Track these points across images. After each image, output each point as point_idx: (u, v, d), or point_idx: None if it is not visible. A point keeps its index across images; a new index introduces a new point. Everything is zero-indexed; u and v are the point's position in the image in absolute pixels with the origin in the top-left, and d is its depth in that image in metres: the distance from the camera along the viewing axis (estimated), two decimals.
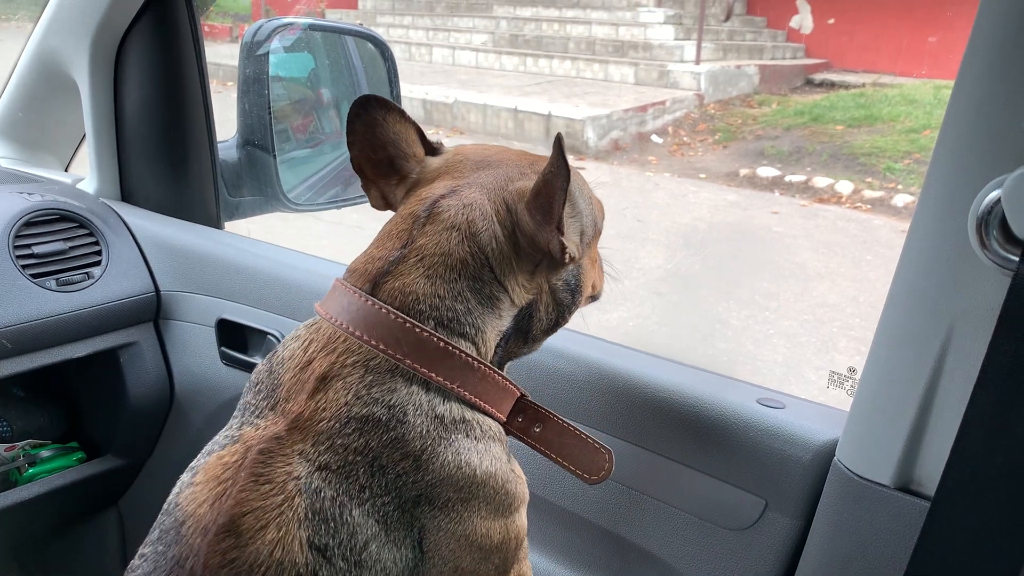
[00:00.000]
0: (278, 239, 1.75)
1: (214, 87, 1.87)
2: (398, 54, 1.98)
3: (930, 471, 0.89)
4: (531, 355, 1.04)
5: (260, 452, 0.80)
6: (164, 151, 1.82)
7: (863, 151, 7.30)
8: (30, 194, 1.66)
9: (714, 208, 6.62)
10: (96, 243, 1.67)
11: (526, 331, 0.96)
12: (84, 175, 1.90)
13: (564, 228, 0.89)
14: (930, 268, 0.85)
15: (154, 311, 1.71)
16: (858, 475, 0.94)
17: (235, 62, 1.86)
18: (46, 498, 1.63)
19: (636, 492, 1.18)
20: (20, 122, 1.98)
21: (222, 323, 1.61)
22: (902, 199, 6.42)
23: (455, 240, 0.88)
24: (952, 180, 0.81)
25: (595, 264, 1.06)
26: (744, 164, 7.52)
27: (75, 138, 2.04)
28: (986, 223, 0.77)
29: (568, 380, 1.21)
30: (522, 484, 0.93)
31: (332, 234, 4.72)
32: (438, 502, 0.83)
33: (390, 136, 0.97)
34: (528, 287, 0.93)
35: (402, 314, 0.85)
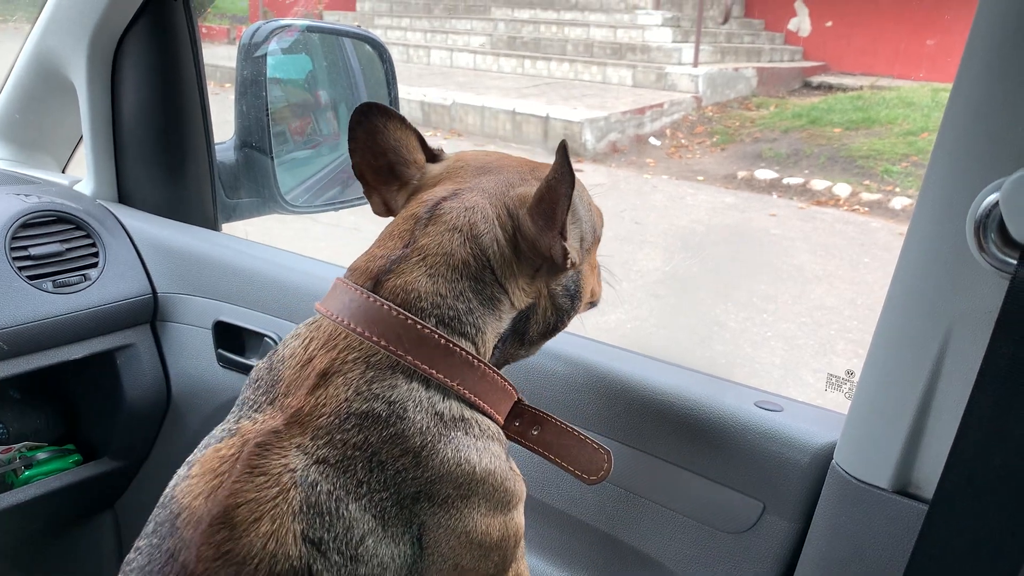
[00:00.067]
0: (275, 241, 1.75)
1: (212, 89, 1.87)
2: (396, 56, 1.98)
3: (928, 474, 0.89)
4: (529, 358, 1.04)
5: (257, 445, 0.80)
6: (161, 153, 1.82)
7: (861, 154, 7.32)
8: (27, 195, 1.66)
9: (712, 210, 6.63)
10: (93, 245, 1.67)
11: (522, 333, 0.96)
12: (81, 176, 1.90)
13: (567, 235, 0.90)
14: (928, 271, 0.85)
15: (151, 313, 1.71)
16: (856, 478, 0.94)
17: (233, 64, 1.86)
18: (42, 500, 1.62)
19: (634, 495, 1.18)
20: (17, 123, 1.98)
21: (219, 325, 1.61)
22: (900, 202, 6.43)
23: (457, 241, 0.88)
24: (950, 183, 0.81)
25: (594, 270, 1.07)
26: (742, 166, 7.53)
27: (72, 139, 2.04)
28: (984, 226, 0.77)
29: (566, 383, 1.21)
30: (520, 482, 0.93)
31: (330, 236, 4.72)
32: (437, 498, 0.83)
33: (391, 143, 0.98)
34: (528, 290, 0.93)
35: (404, 311, 0.85)
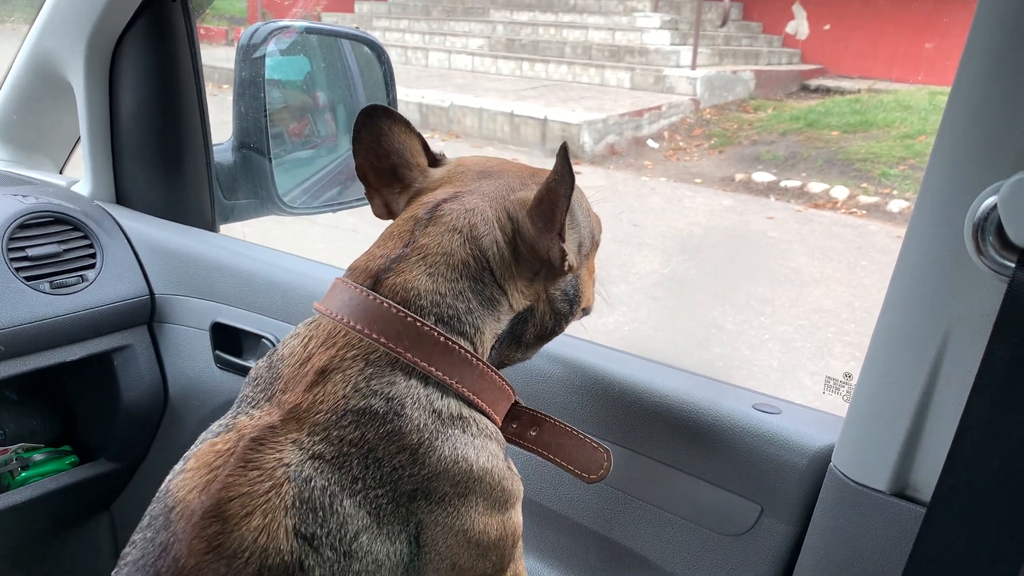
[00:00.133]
0: (273, 242, 1.74)
1: (210, 90, 1.87)
2: (394, 58, 1.98)
3: (926, 477, 0.89)
4: (527, 361, 1.04)
5: (252, 440, 0.80)
6: (159, 154, 1.82)
7: (858, 157, 7.32)
8: (24, 196, 1.66)
9: (710, 213, 6.63)
10: (90, 246, 1.67)
11: (519, 336, 0.96)
12: (79, 177, 1.90)
13: (565, 237, 0.90)
14: (926, 274, 0.85)
15: (148, 314, 1.71)
16: (854, 481, 0.94)
17: (231, 65, 1.86)
18: (38, 502, 1.62)
19: (632, 497, 1.18)
20: (15, 124, 1.98)
21: (216, 327, 1.60)
22: (897, 205, 6.43)
23: (457, 242, 0.89)
24: (949, 186, 0.81)
25: (592, 276, 1.07)
26: (740, 169, 7.53)
27: (70, 140, 2.04)
28: (982, 229, 0.77)
29: (564, 385, 1.21)
30: (518, 481, 0.94)
31: (328, 238, 4.72)
32: (435, 496, 0.83)
33: (395, 146, 0.99)
34: (527, 293, 0.93)
35: (403, 308, 0.85)
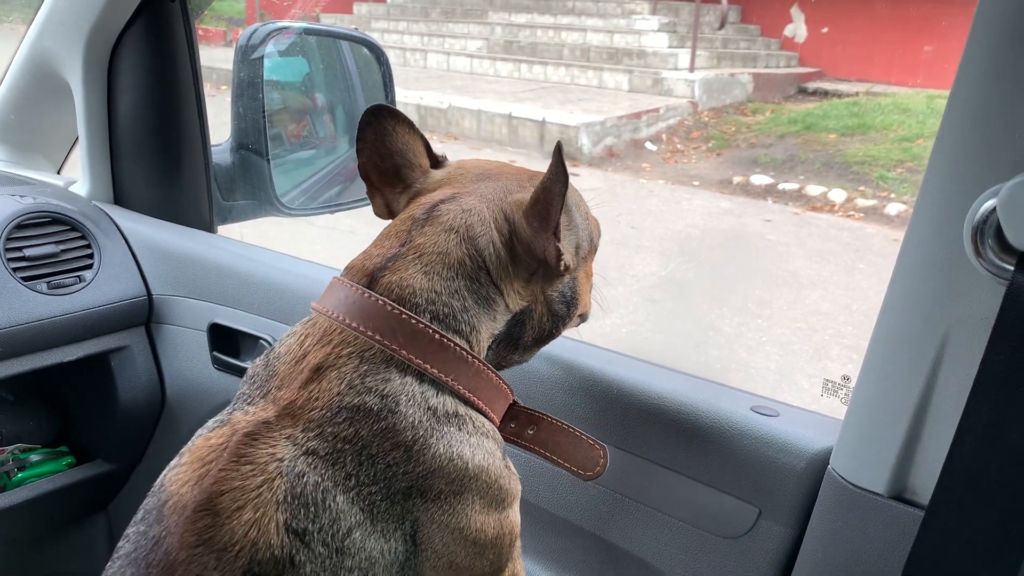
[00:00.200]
0: (271, 243, 1.74)
1: (208, 91, 1.86)
2: (393, 59, 1.98)
3: (924, 480, 0.89)
4: (525, 363, 1.04)
5: (246, 435, 0.80)
6: (157, 154, 1.82)
7: (856, 160, 7.33)
8: (22, 196, 1.65)
9: (707, 215, 6.63)
10: (88, 246, 1.66)
11: (517, 338, 0.96)
12: (76, 178, 1.89)
13: (560, 236, 0.90)
14: (925, 276, 0.85)
15: (146, 315, 1.70)
16: (852, 483, 0.94)
17: (229, 66, 1.86)
18: (35, 503, 1.61)
19: (629, 499, 1.18)
20: (13, 124, 1.97)
21: (214, 327, 1.60)
22: (895, 208, 6.44)
23: (453, 241, 0.89)
24: (948, 189, 0.81)
25: (590, 280, 1.07)
26: (737, 172, 7.54)
27: (68, 140, 2.04)
28: (981, 232, 0.77)
29: (562, 386, 1.21)
30: (515, 480, 0.94)
31: (326, 239, 4.72)
32: (430, 494, 0.83)
33: (398, 146, 1.00)
34: (523, 293, 0.94)
35: (398, 306, 0.86)
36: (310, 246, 4.60)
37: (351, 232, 4.43)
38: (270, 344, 1.50)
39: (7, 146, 2.00)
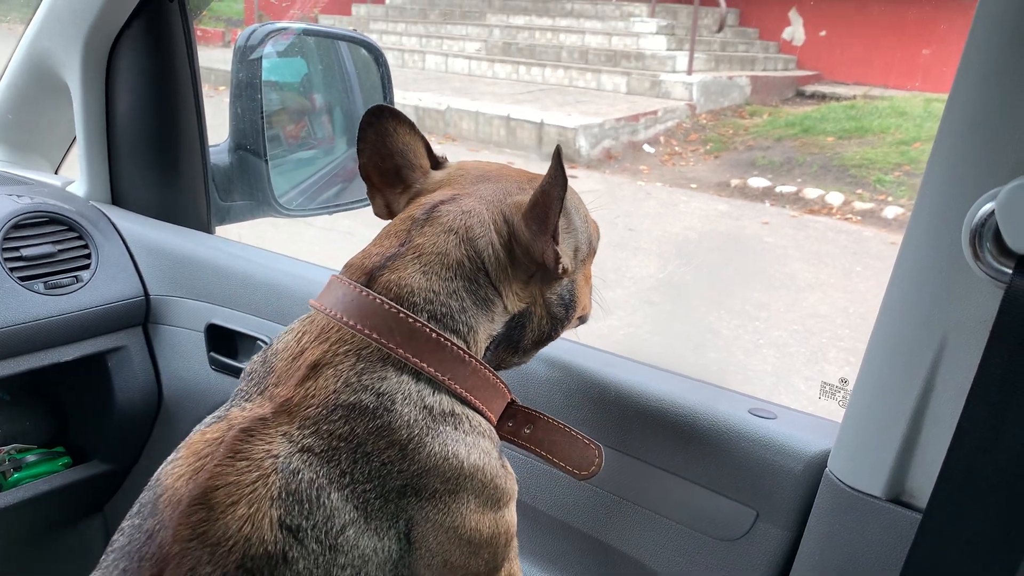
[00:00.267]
0: (269, 244, 1.74)
1: (206, 91, 1.86)
2: (391, 60, 1.98)
3: (922, 483, 0.89)
4: (523, 364, 1.04)
5: (242, 430, 0.81)
6: (155, 155, 1.81)
7: (853, 163, 7.33)
8: (19, 196, 1.65)
9: (705, 218, 6.63)
10: (85, 246, 1.66)
11: (517, 340, 0.96)
12: (74, 178, 1.89)
13: (559, 239, 0.91)
14: (924, 279, 0.85)
15: (143, 315, 1.70)
16: (850, 486, 0.94)
17: (228, 67, 1.85)
18: (31, 503, 1.61)
19: (627, 502, 1.17)
20: (10, 124, 1.97)
21: (212, 328, 1.60)
22: (892, 211, 6.45)
23: (452, 242, 0.90)
24: (946, 192, 0.81)
25: (589, 282, 1.07)
26: (735, 174, 7.54)
27: (65, 140, 2.03)
28: (980, 235, 0.77)
29: (560, 388, 1.21)
30: (512, 480, 0.94)
31: (324, 240, 4.72)
32: (425, 493, 0.83)
33: (399, 147, 1.00)
34: (522, 295, 0.94)
35: (396, 304, 0.86)
36: (308, 247, 4.59)
37: (349, 233, 4.42)
38: (267, 345, 1.49)
39: (5, 146, 2.00)
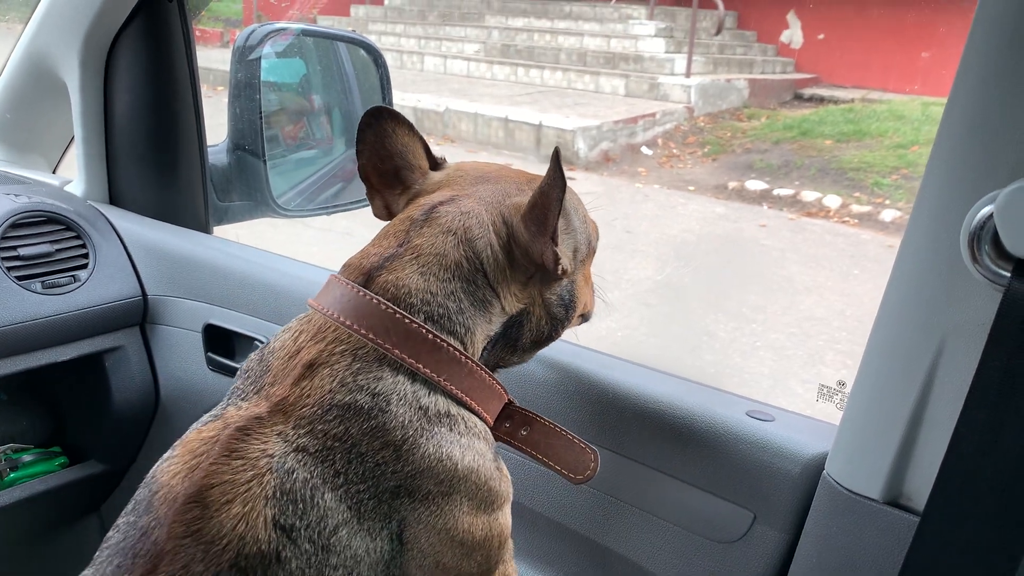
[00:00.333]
0: (267, 245, 1.74)
1: (205, 91, 1.86)
2: (390, 62, 1.98)
3: (919, 486, 0.89)
4: (521, 365, 1.04)
5: (238, 429, 0.81)
6: (153, 154, 1.81)
7: (851, 166, 7.34)
8: (17, 195, 1.65)
9: (703, 220, 6.64)
10: (83, 246, 1.66)
11: (515, 340, 0.96)
12: (72, 177, 1.89)
13: (558, 240, 0.91)
14: (922, 282, 0.85)
15: (140, 315, 1.70)
16: (847, 489, 0.94)
17: (226, 67, 1.85)
18: (27, 503, 1.61)
19: (624, 504, 1.17)
20: (8, 123, 1.97)
21: (209, 328, 1.60)
22: (890, 214, 6.45)
23: (451, 243, 0.90)
24: (945, 195, 0.81)
25: (588, 282, 1.07)
26: (733, 177, 7.54)
27: (64, 140, 2.03)
28: (978, 238, 0.78)
29: (558, 390, 1.21)
30: (507, 482, 0.93)
31: (322, 240, 4.72)
32: (418, 494, 0.83)
33: (398, 148, 1.00)
34: (520, 296, 0.94)
35: (392, 305, 0.86)
36: (306, 247, 4.60)
37: (347, 234, 4.42)
38: (264, 344, 1.49)
39: (3, 145, 2.00)
